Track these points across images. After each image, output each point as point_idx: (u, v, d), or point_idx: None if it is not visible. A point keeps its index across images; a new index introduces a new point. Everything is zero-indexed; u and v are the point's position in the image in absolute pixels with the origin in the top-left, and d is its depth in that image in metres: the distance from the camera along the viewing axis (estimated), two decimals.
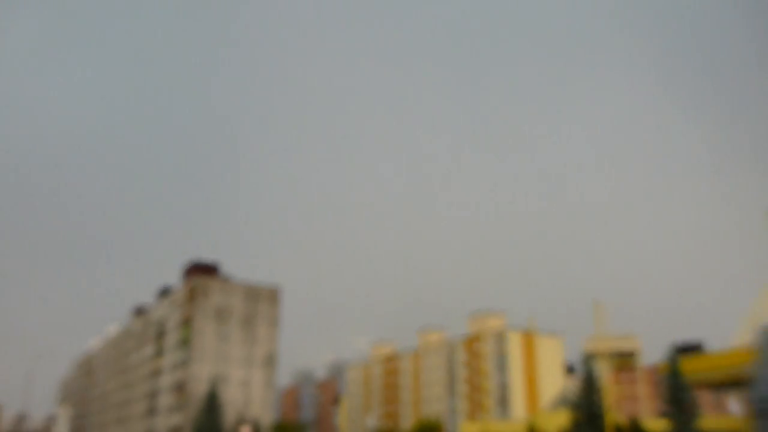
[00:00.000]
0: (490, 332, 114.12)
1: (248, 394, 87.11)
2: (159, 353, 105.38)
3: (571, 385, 49.57)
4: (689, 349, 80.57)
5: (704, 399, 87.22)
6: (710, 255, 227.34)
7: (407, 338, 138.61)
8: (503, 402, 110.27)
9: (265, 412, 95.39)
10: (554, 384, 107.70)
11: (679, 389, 32.94)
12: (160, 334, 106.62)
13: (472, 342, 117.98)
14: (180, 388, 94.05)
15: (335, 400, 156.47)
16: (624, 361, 69.53)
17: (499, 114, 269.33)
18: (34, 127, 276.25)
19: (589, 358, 38.88)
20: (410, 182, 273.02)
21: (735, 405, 60.09)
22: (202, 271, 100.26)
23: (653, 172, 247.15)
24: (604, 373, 37.82)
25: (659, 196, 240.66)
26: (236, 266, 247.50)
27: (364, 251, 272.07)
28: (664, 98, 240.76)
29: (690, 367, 36.82)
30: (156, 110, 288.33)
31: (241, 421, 72.54)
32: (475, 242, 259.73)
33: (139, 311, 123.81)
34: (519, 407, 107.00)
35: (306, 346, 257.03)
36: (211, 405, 77.84)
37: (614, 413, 39.29)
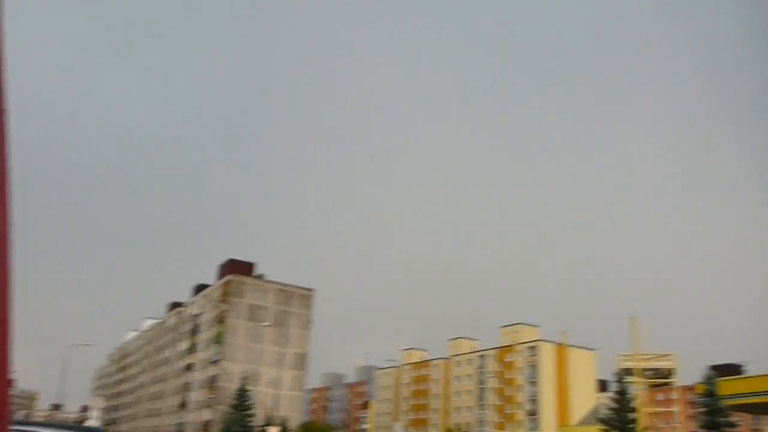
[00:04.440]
0: (522, 343, 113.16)
1: (278, 394, 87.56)
2: (192, 349, 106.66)
3: (603, 401, 48.66)
4: (729, 371, 78.46)
5: (742, 422, 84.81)
6: (753, 277, 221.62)
7: (438, 348, 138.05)
8: (533, 415, 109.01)
9: (294, 413, 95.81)
10: (586, 399, 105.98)
11: (715, 411, 32.06)
12: (195, 330, 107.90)
13: (504, 352, 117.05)
14: (211, 384, 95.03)
15: (364, 405, 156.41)
16: (660, 379, 68.04)
17: (534, 127, 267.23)
18: (86, 122, 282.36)
19: (623, 375, 38.08)
20: (449, 195, 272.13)
21: None
22: (238, 269, 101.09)
23: (694, 187, 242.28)
24: (638, 390, 37.01)
25: (701, 214, 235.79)
26: (271, 269, 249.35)
27: (400, 260, 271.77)
28: (699, 110, 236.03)
29: (728, 388, 35.86)
30: (206, 114, 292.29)
31: (269, 420, 72.88)
32: (509, 257, 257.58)
33: (175, 307, 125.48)
34: (549, 421, 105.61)
35: (337, 350, 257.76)
36: (241, 402, 78.45)
37: None
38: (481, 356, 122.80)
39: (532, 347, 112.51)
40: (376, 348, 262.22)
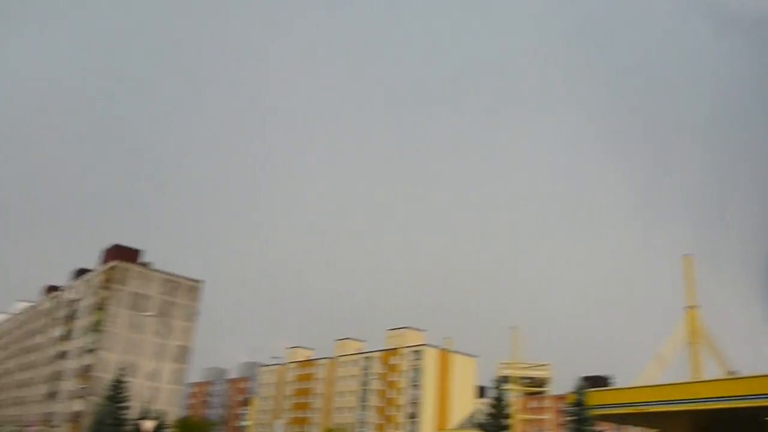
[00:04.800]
0: (407, 347, 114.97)
1: (156, 387, 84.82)
2: (67, 336, 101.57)
3: (481, 407, 50.33)
4: (598, 382, 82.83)
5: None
6: (627, 295, 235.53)
7: (326, 348, 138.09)
8: (413, 418, 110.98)
9: (172, 407, 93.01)
10: (465, 404, 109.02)
11: (583, 420, 33.85)
12: (71, 317, 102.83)
13: (389, 355, 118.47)
14: (85, 373, 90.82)
15: (245, 401, 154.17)
16: (535, 388, 71.06)
17: (433, 147, 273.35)
18: None
19: (500, 382, 39.53)
20: (342, 196, 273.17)
21: None
22: (123, 255, 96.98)
23: (579, 208, 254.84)
24: (514, 397, 38.50)
25: (584, 235, 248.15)
26: (159, 258, 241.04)
27: (292, 259, 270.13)
28: (590, 138, 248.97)
29: (596, 399, 37.87)
30: (91, 93, 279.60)
31: (145, 413, 70.32)
32: (400, 263, 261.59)
33: (51, 291, 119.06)
34: (428, 424, 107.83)
35: (223, 345, 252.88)
36: (116, 394, 75.24)
37: None
38: (367, 358, 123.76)
39: (417, 351, 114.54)
40: (263, 345, 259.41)
